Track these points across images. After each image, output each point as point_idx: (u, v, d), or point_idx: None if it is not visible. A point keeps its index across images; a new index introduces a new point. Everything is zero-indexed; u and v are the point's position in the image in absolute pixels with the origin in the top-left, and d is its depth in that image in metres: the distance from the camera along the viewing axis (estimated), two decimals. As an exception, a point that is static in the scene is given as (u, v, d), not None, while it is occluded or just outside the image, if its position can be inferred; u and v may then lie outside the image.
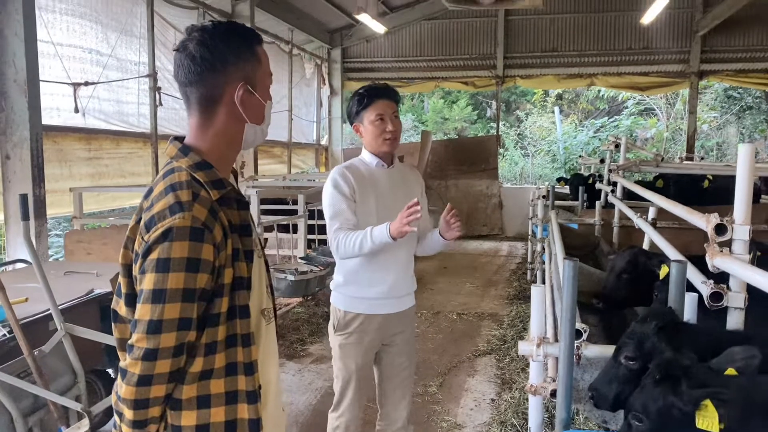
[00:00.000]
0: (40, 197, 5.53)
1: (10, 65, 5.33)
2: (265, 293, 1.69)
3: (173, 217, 1.38)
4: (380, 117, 2.71)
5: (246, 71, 1.53)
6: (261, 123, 1.61)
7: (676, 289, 2.42)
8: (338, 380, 2.86)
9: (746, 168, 2.30)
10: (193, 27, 1.52)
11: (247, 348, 1.51)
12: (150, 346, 1.36)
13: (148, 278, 1.37)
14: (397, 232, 2.49)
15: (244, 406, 1.50)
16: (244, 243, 1.54)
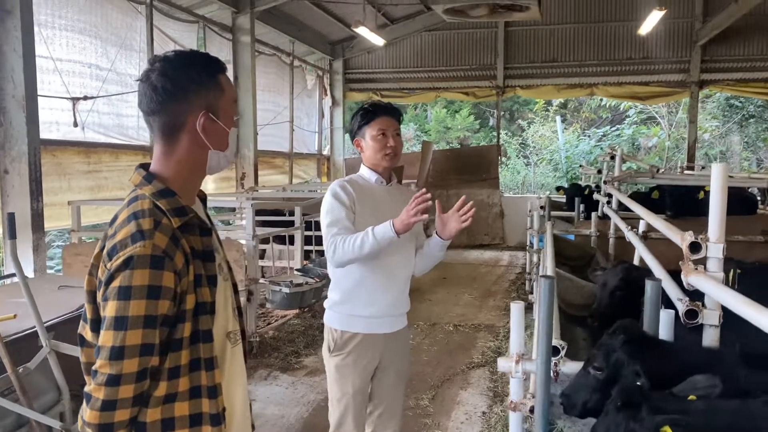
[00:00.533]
0: (38, 211, 5.59)
1: (9, 81, 5.41)
2: (231, 316, 1.71)
3: (134, 246, 1.41)
4: (382, 132, 2.73)
5: (208, 100, 1.57)
6: (225, 149, 1.64)
7: (651, 305, 2.44)
8: (337, 405, 2.79)
9: (720, 186, 2.32)
10: (155, 57, 1.56)
11: (210, 372, 1.54)
12: (113, 372, 1.39)
13: (111, 306, 1.40)
14: (403, 225, 2.46)
15: (208, 428, 1.53)
16: (207, 268, 1.57)
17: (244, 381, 1.75)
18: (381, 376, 2.84)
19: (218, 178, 9.72)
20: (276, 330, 6.22)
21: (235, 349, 1.71)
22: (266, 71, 11.28)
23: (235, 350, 1.71)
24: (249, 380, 4.98)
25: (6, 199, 5.50)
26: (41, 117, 5.83)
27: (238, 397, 1.70)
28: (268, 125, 11.10)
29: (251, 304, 5.57)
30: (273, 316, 6.75)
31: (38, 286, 4.32)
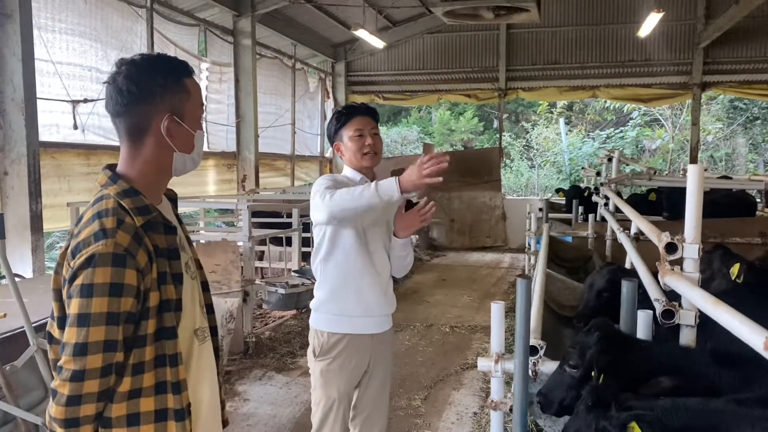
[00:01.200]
0: (37, 212, 5.66)
1: (8, 84, 5.49)
2: (198, 313, 1.75)
3: (96, 244, 1.45)
4: (359, 132, 2.71)
5: (173, 103, 1.60)
6: (190, 152, 1.67)
7: (627, 305, 2.46)
8: (318, 409, 2.75)
9: (696, 187, 2.33)
10: (122, 60, 1.59)
11: (174, 368, 1.57)
12: (77, 368, 1.42)
13: (74, 303, 1.44)
14: (411, 184, 2.33)
15: (172, 423, 1.56)
16: (172, 266, 1.60)
17: (214, 377, 1.78)
18: (367, 382, 2.82)
19: (219, 180, 9.78)
20: (272, 330, 6.26)
21: (203, 346, 1.74)
22: (268, 74, 11.34)
23: (203, 347, 1.74)
24: (244, 380, 5.03)
25: (5, 200, 5.57)
26: (41, 120, 5.91)
27: (206, 393, 1.73)
28: (269, 128, 11.16)
29: (247, 305, 5.61)
30: (270, 316, 6.79)
31: (34, 287, 4.38)
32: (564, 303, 4.59)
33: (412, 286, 8.89)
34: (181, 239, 1.72)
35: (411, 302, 7.88)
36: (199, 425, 1.69)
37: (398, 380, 5.09)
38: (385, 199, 2.36)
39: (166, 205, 1.72)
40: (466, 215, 13.01)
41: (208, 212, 9.76)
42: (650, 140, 18.64)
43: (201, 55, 9.24)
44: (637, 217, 3.57)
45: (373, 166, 2.80)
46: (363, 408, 2.84)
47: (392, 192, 2.34)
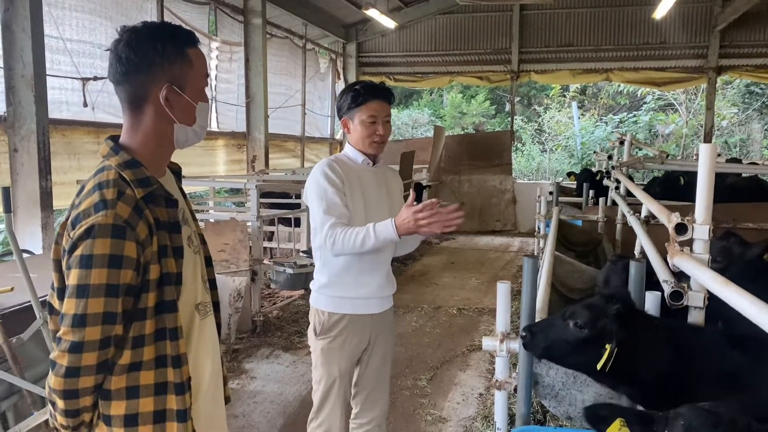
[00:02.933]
0: (47, 189, 5.68)
1: (18, 60, 5.48)
2: (200, 287, 1.73)
3: (96, 215, 1.44)
4: (373, 119, 2.62)
5: (173, 72, 1.57)
6: (192, 124, 1.64)
7: (635, 287, 2.43)
8: (319, 386, 2.76)
9: (707, 168, 2.29)
10: (124, 28, 1.56)
11: (174, 341, 1.56)
12: (76, 339, 1.42)
13: (73, 274, 1.43)
14: (406, 230, 2.39)
15: (172, 397, 1.56)
16: (173, 239, 1.58)
17: (216, 353, 1.78)
18: (368, 359, 2.82)
19: (229, 160, 9.78)
20: (280, 310, 6.28)
21: (205, 320, 1.73)
22: (279, 54, 11.28)
23: (205, 322, 1.73)
24: (251, 358, 5.05)
25: (15, 176, 5.59)
26: (52, 97, 5.91)
27: (207, 368, 1.72)
28: (279, 108, 11.13)
29: (255, 284, 5.62)
30: (278, 296, 6.81)
31: (43, 262, 4.39)
32: (573, 286, 4.56)
33: (421, 268, 8.89)
34: (185, 213, 1.71)
35: (419, 284, 7.89)
36: (199, 399, 1.69)
37: (404, 360, 5.11)
38: (387, 242, 2.48)
39: (170, 178, 1.71)
40: (476, 198, 12.97)
41: (218, 192, 9.78)
42: (664, 125, 18.43)
43: (211, 34, 9.20)
44: (647, 199, 3.53)
45: (377, 153, 2.75)
46: (364, 385, 2.85)
47: (392, 238, 2.43)
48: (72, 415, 1.49)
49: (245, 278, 5.37)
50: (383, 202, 2.75)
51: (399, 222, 2.40)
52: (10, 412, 2.55)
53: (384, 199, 2.76)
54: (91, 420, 1.54)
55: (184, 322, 1.61)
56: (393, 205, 2.79)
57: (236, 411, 4.16)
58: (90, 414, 1.52)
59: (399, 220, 2.40)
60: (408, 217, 2.38)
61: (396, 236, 2.41)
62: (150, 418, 1.54)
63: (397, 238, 2.43)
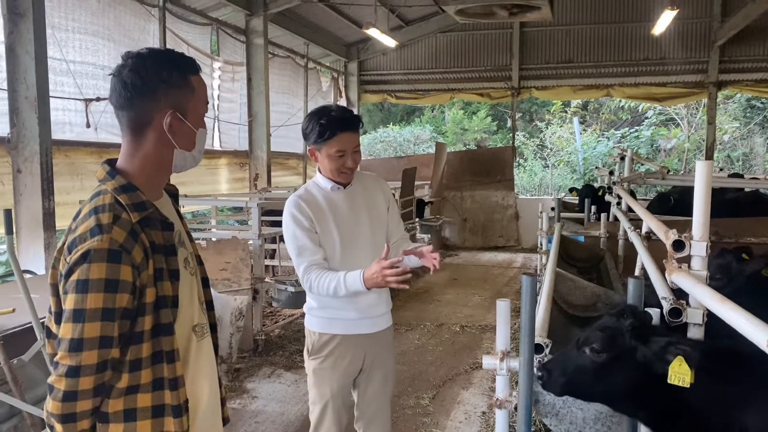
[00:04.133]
0: (50, 210, 5.71)
1: (22, 82, 5.54)
2: (197, 309, 1.74)
3: (92, 240, 1.45)
4: (341, 153, 2.57)
5: (177, 99, 1.60)
6: (192, 149, 1.67)
7: (634, 304, 2.43)
8: (314, 407, 2.75)
9: (704, 184, 2.31)
10: (128, 53, 1.58)
11: (171, 364, 1.57)
12: (72, 364, 1.42)
13: (70, 298, 1.44)
14: (374, 285, 2.41)
15: (170, 419, 1.56)
16: (169, 262, 1.59)
17: (213, 374, 1.78)
18: (367, 380, 2.80)
19: (232, 178, 9.83)
20: (282, 328, 6.27)
21: (202, 342, 1.74)
22: (281, 73, 11.37)
23: (201, 343, 1.74)
24: (253, 377, 5.04)
25: (19, 197, 5.62)
26: (55, 118, 5.96)
27: (204, 390, 1.73)
28: (282, 127, 11.19)
29: (257, 303, 5.62)
30: (280, 315, 6.80)
31: (45, 283, 4.42)
32: (574, 302, 4.55)
33: (423, 285, 8.87)
34: (181, 235, 1.72)
35: (422, 301, 7.87)
36: (197, 421, 1.69)
37: (407, 379, 5.08)
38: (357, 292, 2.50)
39: (166, 201, 1.72)
40: (479, 214, 12.98)
41: (220, 210, 9.80)
42: (665, 140, 18.46)
43: (213, 55, 9.28)
44: (646, 215, 3.54)
45: (348, 182, 2.71)
46: (365, 408, 2.83)
47: (360, 290, 2.46)
48: None
49: (247, 297, 5.37)
50: (363, 222, 2.72)
51: (368, 275, 2.42)
52: (10, 435, 2.56)
53: (363, 218, 2.72)
54: None
55: (181, 344, 1.62)
56: (376, 220, 2.77)
57: (238, 431, 4.14)
58: None
59: (368, 273, 2.42)
60: (376, 272, 2.39)
61: (364, 288, 2.44)
62: None
63: (365, 290, 2.45)
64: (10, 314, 3.17)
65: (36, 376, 2.71)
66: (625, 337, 2.04)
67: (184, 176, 8.51)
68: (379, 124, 20.91)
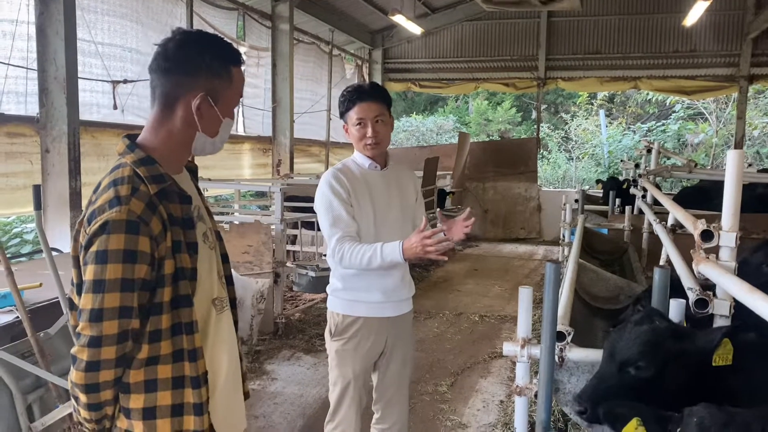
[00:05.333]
0: (77, 189, 5.79)
1: (52, 63, 5.60)
2: (216, 283, 1.75)
3: (111, 211, 1.47)
4: (360, 121, 2.63)
5: (213, 85, 1.61)
6: (214, 136, 1.68)
7: (659, 294, 2.40)
8: (335, 388, 2.77)
9: (734, 174, 2.26)
10: (179, 29, 1.61)
11: (190, 335, 1.59)
12: (93, 334, 1.45)
13: (90, 269, 1.46)
14: (413, 256, 2.40)
15: (189, 390, 1.58)
16: (187, 235, 1.61)
17: (233, 348, 1.79)
18: (387, 363, 2.82)
19: (255, 164, 9.88)
20: (302, 313, 6.31)
21: (221, 315, 1.75)
22: (305, 60, 11.37)
23: (221, 317, 1.75)
24: (273, 360, 5.08)
25: (46, 177, 5.71)
26: (82, 99, 6.02)
27: (224, 362, 1.74)
28: (305, 113, 11.21)
29: (278, 287, 5.66)
30: (300, 299, 6.84)
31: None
32: (596, 294, 4.52)
33: (443, 274, 8.86)
34: (199, 210, 1.73)
35: (441, 290, 7.86)
36: (216, 393, 1.70)
37: (425, 366, 5.09)
38: (393, 264, 2.51)
39: (185, 176, 1.74)
40: (501, 206, 12.90)
41: (243, 195, 9.87)
42: (693, 134, 18.16)
43: (239, 39, 9.31)
44: (674, 206, 3.49)
45: (375, 156, 2.73)
46: (384, 390, 2.85)
47: (398, 261, 2.46)
48: (94, 409, 1.52)
49: (268, 280, 5.41)
50: (394, 205, 2.75)
51: (407, 245, 2.42)
52: (36, 405, 2.61)
53: (395, 201, 2.75)
54: (113, 413, 1.57)
55: (200, 317, 1.63)
56: (406, 206, 2.79)
57: (257, 412, 4.19)
58: (112, 407, 1.55)
59: (407, 244, 2.42)
60: (416, 242, 2.39)
61: (402, 259, 2.45)
62: (168, 412, 1.56)
63: (402, 261, 2.46)
64: (38, 289, 3.24)
65: (62, 350, 2.76)
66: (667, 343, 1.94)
67: (207, 160, 8.54)
68: (402, 113, 20.85)
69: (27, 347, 2.60)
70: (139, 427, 1.55)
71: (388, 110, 2.71)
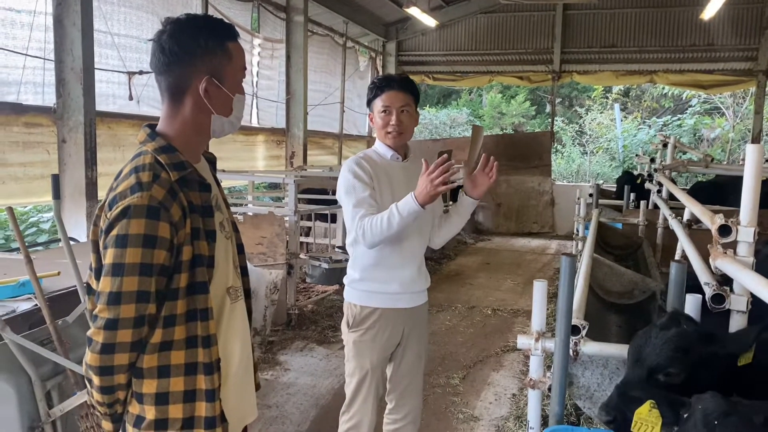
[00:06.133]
0: (93, 179, 5.83)
1: (69, 54, 5.64)
2: (231, 272, 1.77)
3: (132, 197, 1.48)
4: (385, 108, 2.66)
5: (213, 65, 1.61)
6: (228, 115, 1.69)
7: (675, 289, 2.39)
8: (351, 379, 2.78)
9: (753, 169, 2.24)
10: (168, 19, 1.61)
11: (204, 322, 1.60)
12: (111, 316, 1.46)
13: (109, 253, 1.47)
14: (426, 197, 2.40)
15: (201, 377, 1.60)
16: (206, 223, 1.62)
17: (246, 337, 1.81)
18: (402, 354, 2.83)
19: (269, 156, 9.91)
20: (315, 304, 6.33)
21: (235, 304, 1.77)
22: (319, 52, 11.37)
23: (235, 306, 1.77)
24: (286, 350, 5.11)
25: (63, 167, 5.76)
26: (99, 90, 6.06)
27: (236, 351, 1.76)
28: (319, 105, 11.21)
29: (291, 278, 5.69)
30: (313, 290, 6.87)
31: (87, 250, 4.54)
32: (611, 288, 4.50)
33: (456, 268, 8.86)
34: (217, 199, 1.75)
35: (454, 284, 7.86)
36: (228, 381, 1.72)
37: (437, 358, 5.10)
38: (411, 218, 2.47)
39: (204, 165, 1.75)
40: (514, 200, 12.84)
41: (257, 187, 9.91)
42: (709, 129, 17.97)
43: (254, 31, 9.32)
44: (690, 201, 3.46)
45: (396, 146, 2.75)
46: (399, 381, 2.86)
47: (415, 210, 2.44)
48: (107, 392, 1.53)
49: (281, 271, 5.44)
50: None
51: (418, 191, 2.43)
52: (55, 391, 2.64)
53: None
54: (125, 398, 1.59)
55: (214, 305, 1.65)
56: None
57: (270, 402, 4.22)
58: (124, 392, 1.57)
59: (418, 190, 2.43)
60: (424, 183, 2.40)
61: (418, 206, 2.43)
62: (180, 397, 1.58)
63: (420, 209, 2.44)
64: (56, 277, 3.27)
65: (79, 338, 2.78)
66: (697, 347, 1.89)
67: (222, 152, 8.55)
68: (416, 106, 20.73)
69: (45, 334, 2.63)
70: (151, 411, 1.56)
71: (414, 103, 2.74)
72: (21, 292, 3.05)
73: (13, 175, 5.49)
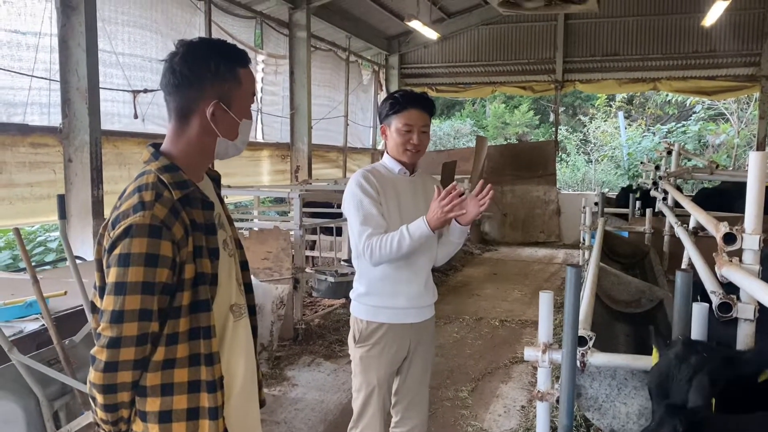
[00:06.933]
0: (99, 198, 5.87)
1: (74, 74, 5.70)
2: (235, 289, 1.78)
3: (134, 216, 1.50)
4: (408, 128, 2.65)
5: (222, 90, 1.64)
6: (233, 139, 1.71)
7: (681, 298, 2.38)
8: (359, 395, 2.77)
9: (757, 176, 2.24)
10: (181, 42, 1.63)
11: (207, 340, 1.61)
12: (113, 335, 1.47)
13: (112, 272, 1.49)
14: (437, 222, 2.45)
15: (204, 395, 1.60)
16: (209, 241, 1.64)
17: (250, 354, 1.81)
18: (408, 368, 2.82)
19: (273, 170, 9.95)
20: (322, 318, 6.32)
21: (239, 322, 1.77)
22: (322, 66, 11.44)
23: (239, 323, 1.77)
24: (293, 365, 5.10)
25: (69, 186, 5.79)
26: (104, 109, 6.11)
27: (240, 369, 1.76)
28: (323, 119, 11.27)
29: (297, 292, 5.68)
30: (320, 304, 6.86)
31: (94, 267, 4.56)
32: (618, 297, 4.48)
33: (463, 279, 8.84)
34: (221, 217, 1.76)
35: (461, 295, 7.84)
36: (232, 399, 1.72)
37: (446, 371, 5.08)
38: (421, 241, 2.53)
39: (207, 183, 1.77)
40: (519, 209, 12.83)
41: (262, 201, 9.94)
42: (714, 135, 17.93)
43: (257, 47, 9.39)
44: (695, 209, 3.45)
45: (412, 162, 2.77)
46: (405, 394, 2.85)
47: (426, 234, 2.50)
48: (111, 410, 1.54)
49: (288, 286, 5.44)
50: (421, 210, 2.72)
51: (430, 216, 2.47)
52: (62, 411, 2.65)
53: (421, 207, 2.74)
54: (129, 416, 1.59)
55: (218, 323, 1.66)
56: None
57: (278, 417, 4.21)
58: (128, 410, 1.58)
59: (430, 215, 2.48)
60: (435, 209, 2.46)
61: (429, 231, 2.48)
62: (183, 415, 1.58)
63: (431, 233, 2.49)
64: (62, 297, 3.29)
65: (86, 357, 2.76)
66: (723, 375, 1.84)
67: (228, 167, 8.58)
68: (420, 117, 20.78)
69: (53, 355, 2.64)
70: (154, 429, 1.57)
71: (430, 123, 2.77)
72: (28, 313, 3.06)
73: (20, 196, 5.53)
